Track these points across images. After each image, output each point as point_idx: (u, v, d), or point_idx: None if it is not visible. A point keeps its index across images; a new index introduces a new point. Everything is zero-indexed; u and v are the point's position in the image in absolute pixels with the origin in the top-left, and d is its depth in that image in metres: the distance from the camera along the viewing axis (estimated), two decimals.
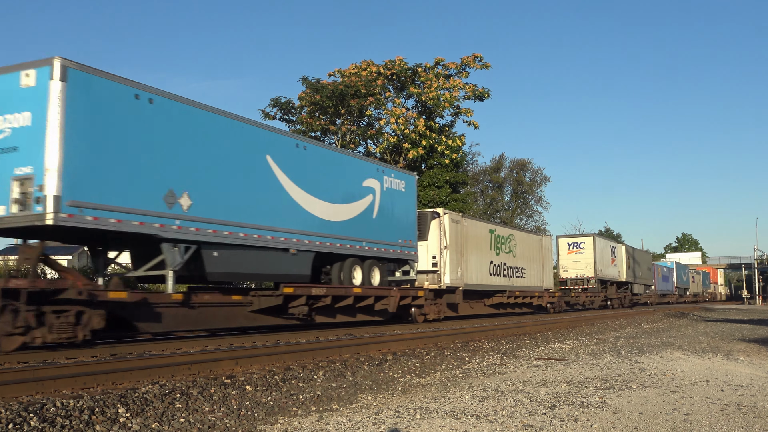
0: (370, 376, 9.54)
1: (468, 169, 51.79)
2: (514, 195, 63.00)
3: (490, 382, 8.96)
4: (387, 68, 37.83)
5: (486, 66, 38.87)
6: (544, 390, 8.28)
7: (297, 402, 7.49)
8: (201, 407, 6.96)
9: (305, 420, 6.46)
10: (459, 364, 11.29)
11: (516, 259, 29.90)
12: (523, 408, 7.05)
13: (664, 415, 6.74)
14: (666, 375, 9.76)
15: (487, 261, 26.83)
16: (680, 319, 30.51)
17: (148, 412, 6.55)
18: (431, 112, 38.29)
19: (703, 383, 8.94)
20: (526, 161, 63.50)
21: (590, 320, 25.78)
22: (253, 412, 6.89)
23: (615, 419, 6.50)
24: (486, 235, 27.14)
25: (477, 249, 25.89)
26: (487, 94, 38.73)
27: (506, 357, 12.43)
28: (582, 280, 40.42)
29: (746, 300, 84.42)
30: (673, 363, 11.32)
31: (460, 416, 6.61)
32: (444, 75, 38.44)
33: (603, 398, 7.68)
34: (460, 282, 24.05)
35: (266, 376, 8.83)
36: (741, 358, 12.38)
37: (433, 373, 10.12)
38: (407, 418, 6.50)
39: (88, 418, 6.12)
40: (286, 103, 35.88)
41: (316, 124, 35.13)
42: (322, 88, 34.69)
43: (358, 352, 11.94)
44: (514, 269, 29.60)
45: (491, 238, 27.52)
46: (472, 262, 25.34)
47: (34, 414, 5.99)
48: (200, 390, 7.60)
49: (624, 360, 11.75)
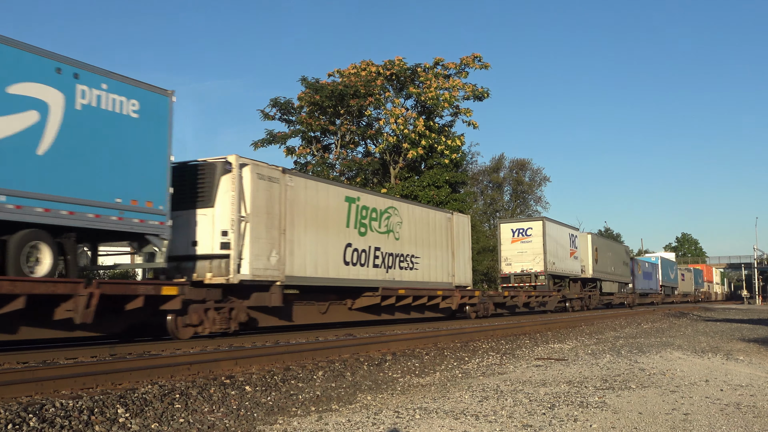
0: (370, 377, 9.54)
1: (468, 169, 51.82)
2: (514, 195, 63.05)
3: (490, 382, 8.96)
4: (386, 68, 37.84)
5: (485, 66, 38.90)
6: (544, 390, 8.28)
7: (296, 402, 7.49)
8: (200, 407, 6.95)
9: (304, 420, 6.46)
10: (458, 364, 11.29)
11: (401, 244, 21.16)
12: (522, 408, 7.05)
13: (664, 415, 6.74)
14: (665, 375, 9.76)
15: (340, 243, 18.22)
16: (680, 318, 30.54)
17: (147, 413, 6.55)
18: (431, 112, 38.30)
19: (702, 383, 8.94)
20: (525, 161, 63.64)
21: (590, 320, 25.83)
22: (253, 412, 6.89)
23: (614, 419, 6.50)
24: (340, 205, 18.41)
25: (320, 224, 17.34)
26: (486, 94, 38.75)
27: (506, 357, 12.43)
28: (529, 275, 32.49)
29: (746, 300, 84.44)
30: (673, 363, 11.32)
31: (459, 416, 6.61)
32: (443, 75, 38.45)
33: (602, 398, 7.68)
34: (278, 273, 15.59)
35: (265, 376, 8.83)
36: (741, 357, 12.38)
37: (433, 373, 10.12)
38: (407, 418, 6.50)
39: (88, 419, 6.12)
40: (285, 103, 35.88)
41: (315, 124, 35.14)
42: (322, 88, 34.69)
43: (358, 353, 11.94)
44: (397, 257, 20.95)
45: (350, 210, 18.89)
46: (308, 243, 16.77)
47: (34, 414, 5.98)
48: (199, 390, 7.60)
49: (623, 360, 11.74)
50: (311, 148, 36.11)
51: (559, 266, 34.06)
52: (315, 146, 36.08)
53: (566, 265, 35.19)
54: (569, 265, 35.66)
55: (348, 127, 36.27)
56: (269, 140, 35.39)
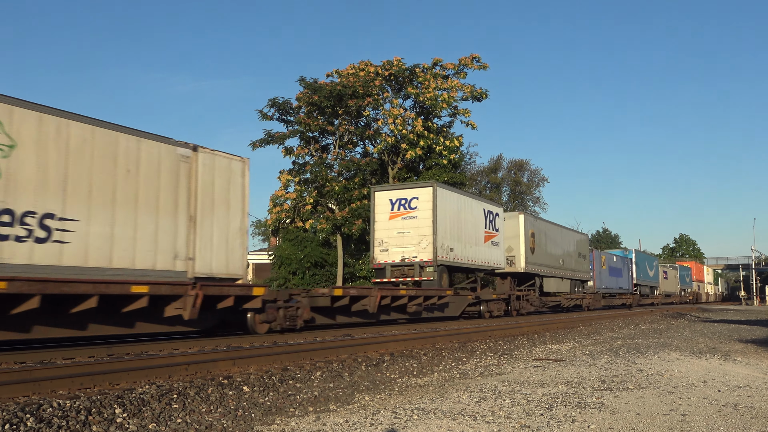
0: (368, 377, 9.53)
1: (466, 170, 51.85)
2: (512, 195, 63.10)
3: (488, 383, 8.96)
4: (385, 69, 37.84)
5: (484, 66, 38.91)
6: (542, 391, 8.28)
7: (294, 402, 7.49)
8: (198, 408, 6.95)
9: (302, 420, 6.46)
10: (456, 364, 11.28)
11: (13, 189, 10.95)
12: (520, 409, 7.05)
13: (662, 415, 6.74)
14: (663, 376, 9.76)
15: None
16: (678, 319, 30.60)
17: (145, 413, 6.54)
18: (429, 113, 38.30)
19: (700, 384, 8.95)
20: (524, 162, 63.74)
21: (588, 321, 25.84)
22: (251, 412, 6.89)
23: (612, 420, 6.50)
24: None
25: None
26: (485, 95, 38.75)
27: (504, 357, 12.44)
28: (412, 266, 22.59)
29: (743, 300, 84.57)
30: (671, 364, 11.33)
31: (457, 417, 6.61)
32: (442, 75, 38.45)
33: (600, 399, 7.69)
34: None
35: (263, 376, 8.82)
36: (738, 358, 12.39)
37: (431, 373, 10.12)
38: (404, 419, 6.50)
39: (85, 419, 6.11)
40: (284, 104, 35.86)
41: (314, 124, 35.13)
42: (320, 88, 34.69)
43: (356, 353, 11.94)
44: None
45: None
46: None
47: (31, 415, 5.97)
48: (197, 390, 7.59)
49: (621, 361, 11.75)
50: (309, 149, 36.11)
51: (464, 254, 24.62)
52: (313, 146, 36.06)
53: (478, 254, 25.81)
54: (484, 254, 26.28)
55: (346, 127, 36.27)
56: (267, 140, 35.38)
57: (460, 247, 24.41)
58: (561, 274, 34.79)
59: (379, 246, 23.45)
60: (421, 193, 23.20)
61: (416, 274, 22.68)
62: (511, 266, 29.43)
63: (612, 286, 45.84)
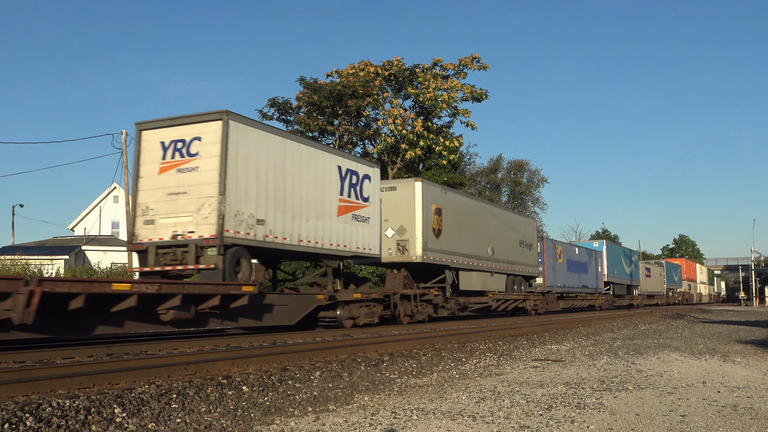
0: (367, 377, 9.53)
1: (465, 170, 51.87)
2: (512, 196, 63.16)
3: (487, 383, 8.96)
4: (385, 69, 37.86)
5: (484, 67, 38.94)
6: (541, 391, 8.29)
7: (293, 402, 7.49)
8: (197, 407, 6.94)
9: (302, 420, 6.45)
10: (456, 364, 11.29)
11: None
12: (519, 409, 7.05)
13: (661, 416, 6.74)
14: (663, 376, 9.77)
15: None
16: (677, 320, 30.60)
17: (144, 413, 6.54)
18: (429, 113, 38.33)
19: (699, 385, 8.95)
20: (523, 162, 63.87)
21: (587, 321, 25.82)
22: (250, 412, 6.88)
23: (612, 420, 6.51)
24: None
25: None
26: (485, 95, 38.79)
27: (503, 358, 12.44)
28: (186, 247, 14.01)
29: (743, 301, 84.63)
30: (670, 364, 11.33)
31: (456, 417, 6.61)
32: (442, 76, 38.48)
33: (600, 399, 7.69)
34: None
35: (263, 376, 8.82)
36: (738, 359, 12.40)
37: (430, 373, 10.12)
38: (404, 419, 6.50)
39: (84, 418, 6.10)
40: (283, 104, 35.89)
41: (313, 124, 35.16)
42: (320, 88, 34.70)
43: (355, 353, 11.93)
44: None
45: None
46: None
47: (30, 414, 5.97)
48: (197, 390, 7.59)
49: (621, 361, 11.76)
50: None
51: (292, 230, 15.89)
52: None
53: (325, 232, 17.12)
54: (337, 232, 17.58)
55: (346, 127, 36.29)
56: None
57: (282, 218, 15.64)
58: (489, 267, 25.93)
59: (142, 215, 14.85)
60: (206, 130, 14.45)
61: (191, 260, 14.01)
62: (403, 254, 20.99)
63: (572, 284, 37.12)
